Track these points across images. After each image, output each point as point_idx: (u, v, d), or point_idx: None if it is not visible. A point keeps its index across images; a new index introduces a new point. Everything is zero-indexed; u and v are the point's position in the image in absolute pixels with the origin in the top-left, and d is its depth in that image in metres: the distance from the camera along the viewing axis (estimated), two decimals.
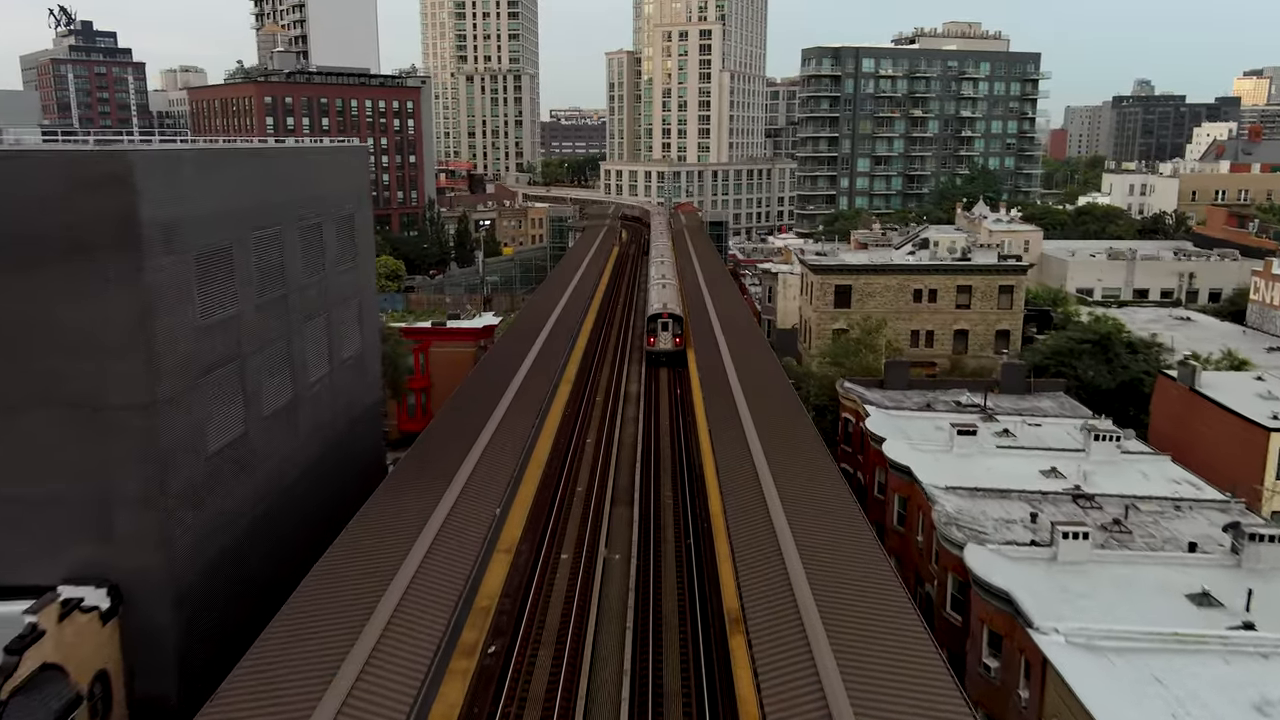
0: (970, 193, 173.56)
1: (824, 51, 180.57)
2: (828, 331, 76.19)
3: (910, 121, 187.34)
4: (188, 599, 29.51)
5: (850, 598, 26.20)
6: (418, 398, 77.09)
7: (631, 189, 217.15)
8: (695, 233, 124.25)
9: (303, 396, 39.23)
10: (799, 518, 31.36)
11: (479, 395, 46.18)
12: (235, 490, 33.11)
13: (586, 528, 37.71)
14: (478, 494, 33.91)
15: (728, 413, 43.43)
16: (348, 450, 44.14)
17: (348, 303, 44.95)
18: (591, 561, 34.92)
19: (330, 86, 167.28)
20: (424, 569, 27.84)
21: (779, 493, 33.57)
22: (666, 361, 59.07)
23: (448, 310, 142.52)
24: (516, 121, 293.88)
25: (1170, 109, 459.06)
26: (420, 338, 77.38)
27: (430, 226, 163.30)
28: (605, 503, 40.08)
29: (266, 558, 35.26)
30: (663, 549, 36.28)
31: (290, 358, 38.00)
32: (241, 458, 33.52)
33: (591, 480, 42.59)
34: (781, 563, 28.24)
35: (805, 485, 34.83)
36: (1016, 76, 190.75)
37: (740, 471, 36.27)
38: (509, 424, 41.51)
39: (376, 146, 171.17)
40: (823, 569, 27.78)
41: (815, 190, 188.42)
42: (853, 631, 24.11)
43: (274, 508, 36.36)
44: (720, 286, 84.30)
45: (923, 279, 76.06)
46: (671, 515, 39.49)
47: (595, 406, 53.47)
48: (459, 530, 31.23)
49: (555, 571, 34.19)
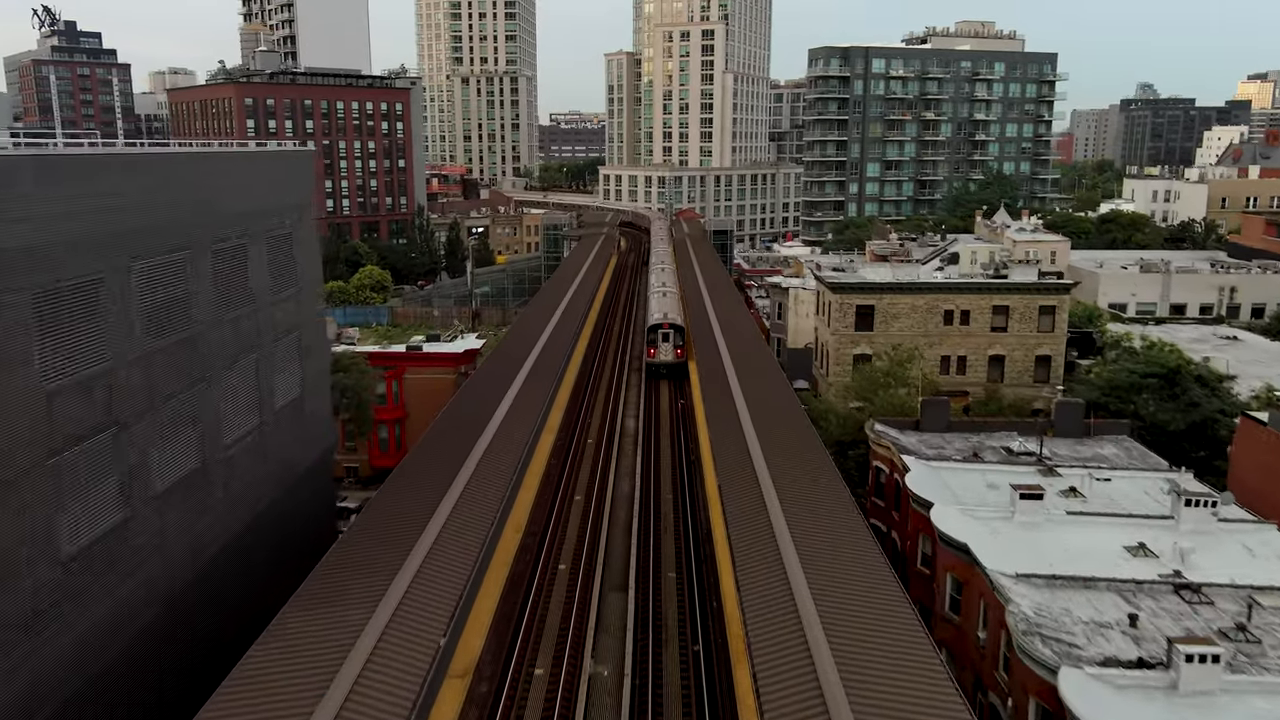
0: (986, 199, 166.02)
1: (832, 51, 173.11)
2: (848, 357, 68.54)
3: (922, 124, 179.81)
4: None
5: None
6: (391, 430, 69.53)
7: (631, 194, 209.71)
8: (698, 242, 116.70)
9: (216, 461, 31.52)
10: (833, 613, 23.88)
11: (449, 442, 38.51)
12: (110, 596, 25.44)
13: (569, 629, 30.00)
14: (428, 598, 26.20)
15: (739, 460, 35.95)
16: (284, 520, 36.43)
17: (285, 338, 37.23)
18: (573, 681, 27.22)
19: (315, 88, 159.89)
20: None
21: (807, 579, 26.02)
22: (667, 374, 55.87)
23: (435, 323, 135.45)
24: (513, 125, 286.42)
25: (1179, 112, 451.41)
26: (393, 363, 69.85)
27: (419, 234, 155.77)
28: (594, 588, 32.36)
29: (164, 675, 27.59)
30: (664, 657, 28.60)
31: (197, 415, 30.30)
32: (117, 554, 25.83)
33: (578, 555, 34.93)
34: (817, 686, 20.73)
35: (832, 557, 27.46)
36: (1032, 78, 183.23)
37: (757, 544, 28.78)
38: (478, 487, 33.79)
39: (364, 150, 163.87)
40: (866, 684, 20.32)
41: (823, 196, 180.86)
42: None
43: (175, 607, 28.69)
44: (726, 302, 76.77)
45: (954, 299, 68.38)
46: (675, 605, 31.84)
47: (586, 455, 45.72)
48: (400, 650, 23.56)
49: (525, 701, 26.48)
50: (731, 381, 46.83)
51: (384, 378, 68.26)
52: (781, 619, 24.50)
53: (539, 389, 46.16)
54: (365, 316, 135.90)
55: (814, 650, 22.74)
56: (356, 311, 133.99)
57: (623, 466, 43.70)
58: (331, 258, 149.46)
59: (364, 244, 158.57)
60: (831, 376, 69.69)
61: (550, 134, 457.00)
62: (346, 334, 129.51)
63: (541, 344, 57.23)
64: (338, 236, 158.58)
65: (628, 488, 40.76)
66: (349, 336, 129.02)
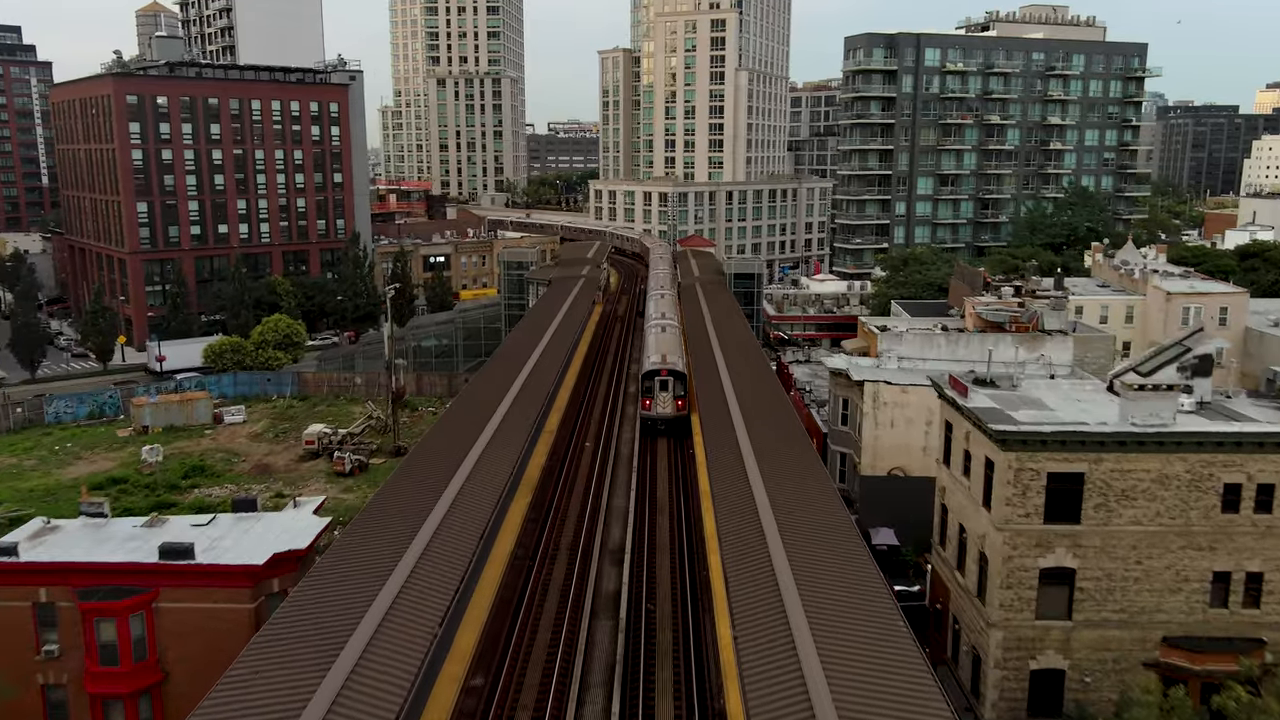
0: (1070, 223, 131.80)
1: (875, 39, 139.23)
2: (1030, 571, 34.35)
3: (984, 130, 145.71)
4: None
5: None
6: (131, 710, 35.52)
7: (627, 213, 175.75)
8: (713, 290, 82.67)
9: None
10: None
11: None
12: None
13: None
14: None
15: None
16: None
17: None
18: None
19: (225, 83, 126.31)
20: None
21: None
22: (666, 430, 45.83)
23: (359, 392, 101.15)
24: (495, 132, 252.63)
25: (1224, 120, 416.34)
26: (135, 581, 35.53)
27: (354, 269, 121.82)
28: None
29: None
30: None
31: None
32: None
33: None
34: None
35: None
36: (1117, 74, 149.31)
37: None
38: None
39: (289, 162, 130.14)
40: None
41: (861, 218, 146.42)
42: None
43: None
44: (761, 396, 43.77)
45: (1247, 462, 34.20)
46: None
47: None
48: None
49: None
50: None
51: (111, 614, 34.26)
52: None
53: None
54: (263, 386, 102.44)
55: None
56: (252, 378, 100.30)
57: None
58: (235, 301, 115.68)
59: (286, 280, 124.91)
60: (992, 599, 35.42)
61: (548, 144, 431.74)
62: (229, 414, 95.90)
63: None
64: (251, 272, 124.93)
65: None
66: (232, 415, 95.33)
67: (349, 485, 72.78)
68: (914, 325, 71.44)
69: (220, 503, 67.35)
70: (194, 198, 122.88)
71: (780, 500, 29.91)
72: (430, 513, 29.25)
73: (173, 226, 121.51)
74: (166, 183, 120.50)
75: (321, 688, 19.28)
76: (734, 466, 34.13)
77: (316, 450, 79.60)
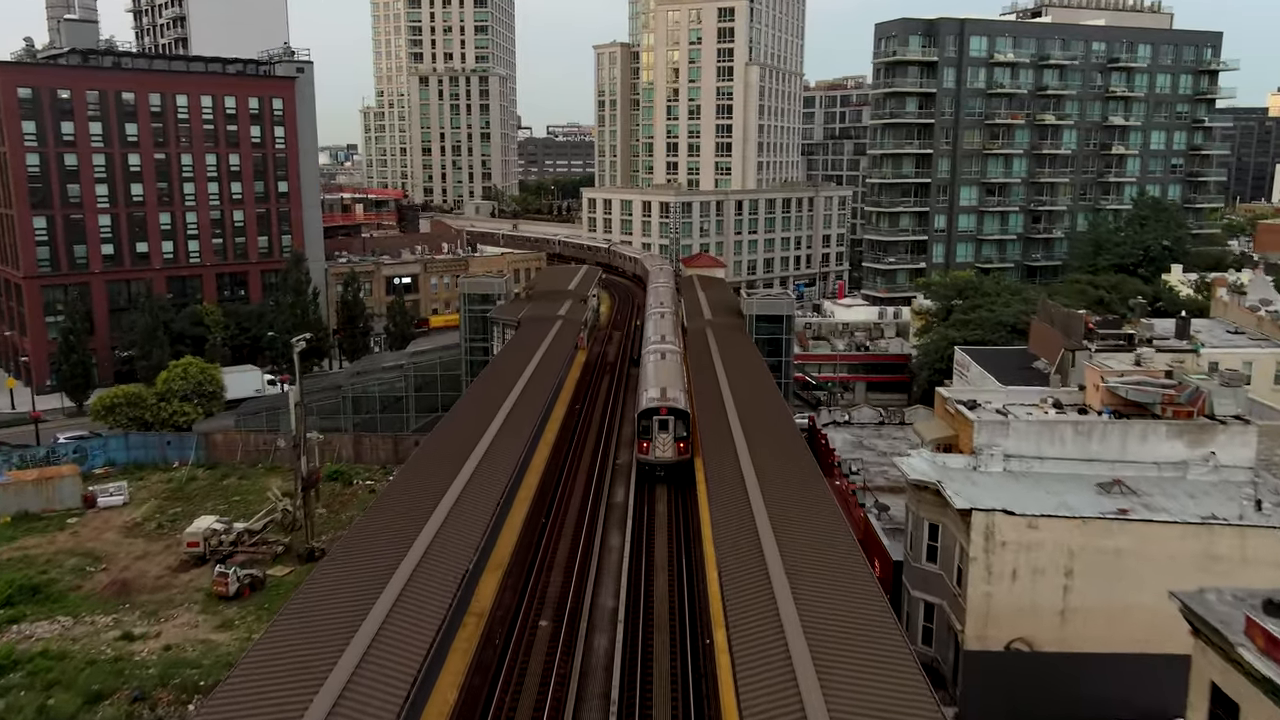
0: (1144, 241, 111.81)
1: (911, 26, 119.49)
2: None
3: (1036, 131, 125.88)
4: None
5: None
6: None
7: (624, 224, 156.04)
8: (729, 337, 62.82)
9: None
10: None
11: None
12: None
13: None
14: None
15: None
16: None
17: None
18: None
19: (145, 75, 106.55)
20: None
21: None
22: (665, 476, 41.10)
23: (280, 459, 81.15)
24: (483, 135, 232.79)
25: (1254, 124, 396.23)
26: None
27: (292, 296, 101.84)
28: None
29: None
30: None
31: None
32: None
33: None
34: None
35: None
36: (1187, 66, 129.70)
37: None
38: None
39: (223, 168, 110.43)
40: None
41: (895, 232, 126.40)
42: None
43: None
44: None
45: None
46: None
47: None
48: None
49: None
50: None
51: None
52: None
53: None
54: (162, 450, 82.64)
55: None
56: (147, 441, 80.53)
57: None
58: (146, 336, 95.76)
59: (216, 309, 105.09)
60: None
61: (546, 148, 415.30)
62: (106, 494, 75.67)
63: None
64: (178, 298, 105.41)
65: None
66: (110, 496, 75.09)
67: (230, 617, 52.71)
68: (1010, 396, 51.51)
69: (38, 651, 47.63)
70: (106, 210, 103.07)
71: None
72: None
73: (79, 245, 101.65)
74: (71, 193, 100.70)
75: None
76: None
77: (202, 554, 59.62)
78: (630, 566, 32.35)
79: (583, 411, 57.00)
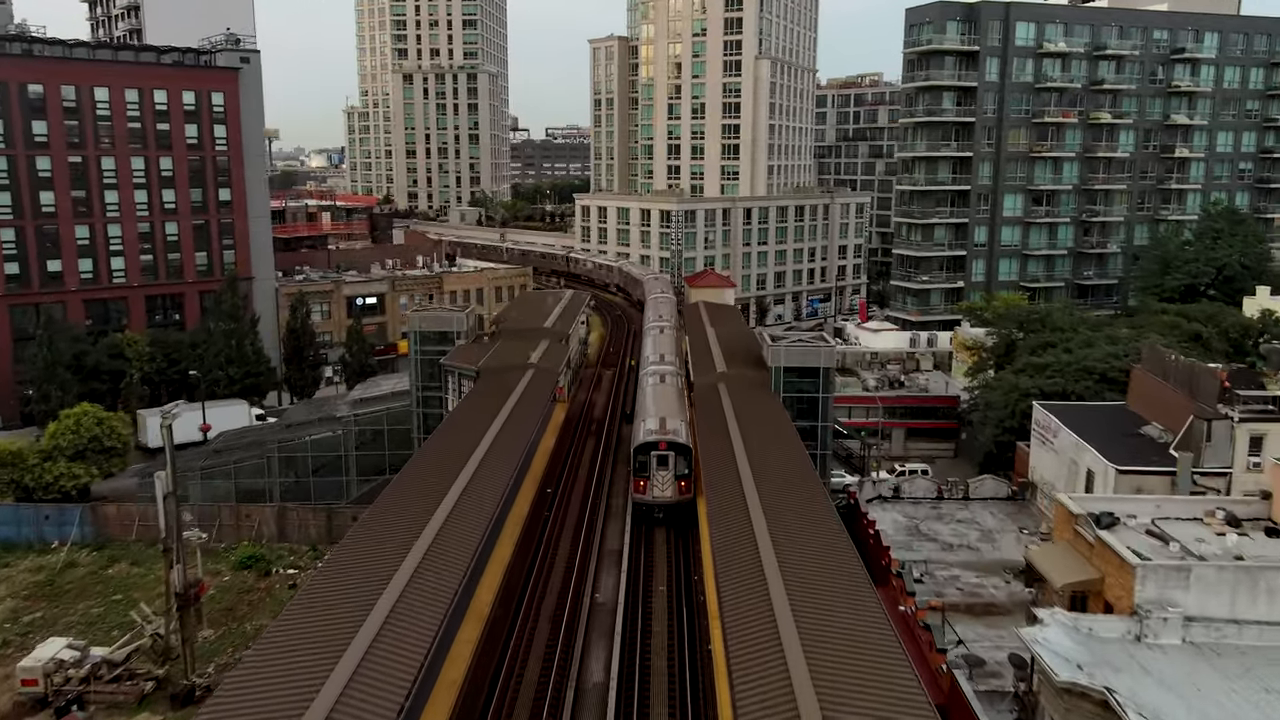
0: (1219, 258, 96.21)
1: (949, 10, 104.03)
2: None
3: (1090, 131, 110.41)
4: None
5: None
6: None
7: (621, 234, 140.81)
8: (747, 394, 47.46)
9: None
10: None
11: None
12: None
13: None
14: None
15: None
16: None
17: None
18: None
19: (56, 64, 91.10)
20: None
21: None
22: (664, 518, 38.02)
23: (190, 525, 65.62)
24: (471, 136, 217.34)
25: None
26: None
27: (229, 323, 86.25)
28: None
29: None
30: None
31: None
32: None
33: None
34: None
35: None
36: (1259, 58, 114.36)
37: None
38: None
39: (154, 173, 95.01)
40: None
41: (928, 246, 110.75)
42: None
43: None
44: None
45: None
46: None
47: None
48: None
49: None
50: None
51: None
52: None
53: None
54: (38, 527, 67.06)
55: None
56: (19, 515, 65.07)
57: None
58: (44, 374, 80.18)
59: (143, 337, 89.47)
60: None
61: (544, 150, 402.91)
62: None
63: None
64: (98, 324, 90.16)
65: None
66: None
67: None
68: (1160, 507, 36.08)
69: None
70: (9, 223, 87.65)
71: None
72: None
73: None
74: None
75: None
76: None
77: (45, 696, 44.28)
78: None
79: (555, 500, 41.89)
